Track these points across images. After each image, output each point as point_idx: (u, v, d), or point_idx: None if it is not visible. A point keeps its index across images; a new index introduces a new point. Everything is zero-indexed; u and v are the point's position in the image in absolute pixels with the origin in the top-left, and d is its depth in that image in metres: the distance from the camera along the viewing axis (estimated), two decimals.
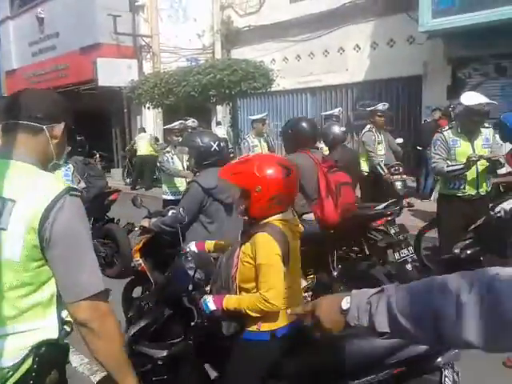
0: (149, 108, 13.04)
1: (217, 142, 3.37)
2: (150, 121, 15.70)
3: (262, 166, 2.12)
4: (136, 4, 15.04)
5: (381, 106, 6.54)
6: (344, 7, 11.89)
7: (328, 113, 7.83)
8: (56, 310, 1.44)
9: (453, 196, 4.15)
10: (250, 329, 2.13)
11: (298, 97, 13.65)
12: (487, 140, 4.09)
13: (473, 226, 3.94)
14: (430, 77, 10.65)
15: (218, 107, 13.79)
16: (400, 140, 7.99)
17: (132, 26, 15.15)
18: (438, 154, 4.11)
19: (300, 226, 2.33)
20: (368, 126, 6.40)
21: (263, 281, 2.05)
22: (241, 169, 2.17)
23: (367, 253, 3.83)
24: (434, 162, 4.13)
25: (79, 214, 1.42)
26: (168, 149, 5.87)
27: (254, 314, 2.06)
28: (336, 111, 7.57)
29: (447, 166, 4.03)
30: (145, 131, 13.67)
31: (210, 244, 2.68)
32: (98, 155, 14.63)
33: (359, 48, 12.05)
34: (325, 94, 13.10)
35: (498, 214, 3.69)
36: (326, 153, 5.58)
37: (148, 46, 15.30)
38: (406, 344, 1.77)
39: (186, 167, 5.16)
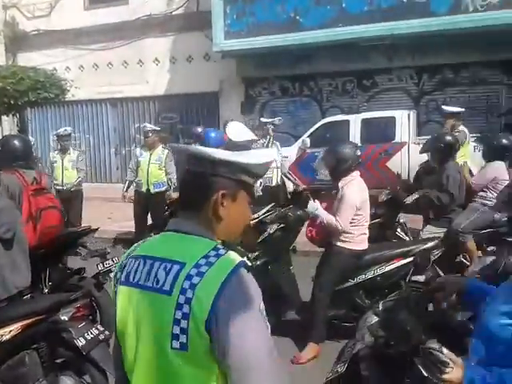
0: None
1: None
2: None
3: None
4: None
5: (277, 121, 6.99)
6: (140, 20, 11.85)
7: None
8: None
9: None
10: None
11: (98, 108, 13.08)
12: None
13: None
14: (226, 94, 11.36)
15: (4, 118, 12.25)
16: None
17: None
18: None
19: None
20: None
21: None
22: None
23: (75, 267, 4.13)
24: None
25: None
26: None
27: None
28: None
29: None
30: None
31: None
32: None
33: (159, 61, 12.15)
34: (126, 106, 12.84)
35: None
36: None
37: None
38: None
39: None
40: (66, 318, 2.80)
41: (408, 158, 8.11)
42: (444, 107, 6.64)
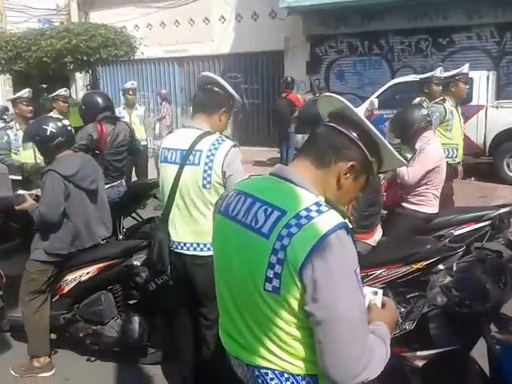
0: None
1: (51, 124, 2.92)
2: None
3: None
4: None
5: (438, 72, 4.61)
6: None
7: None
8: None
9: None
10: None
11: (165, 66, 13.27)
12: None
13: None
14: (291, 52, 11.10)
15: (78, 75, 12.76)
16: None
17: None
18: None
19: None
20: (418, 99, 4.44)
21: None
22: None
23: None
24: None
25: None
26: (12, 123, 4.67)
27: None
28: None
29: None
30: None
31: None
32: None
33: (224, 19, 12.03)
34: (192, 65, 12.92)
35: None
36: None
37: None
38: None
39: None
40: (138, 263, 2.95)
41: (485, 122, 7.61)
42: None
